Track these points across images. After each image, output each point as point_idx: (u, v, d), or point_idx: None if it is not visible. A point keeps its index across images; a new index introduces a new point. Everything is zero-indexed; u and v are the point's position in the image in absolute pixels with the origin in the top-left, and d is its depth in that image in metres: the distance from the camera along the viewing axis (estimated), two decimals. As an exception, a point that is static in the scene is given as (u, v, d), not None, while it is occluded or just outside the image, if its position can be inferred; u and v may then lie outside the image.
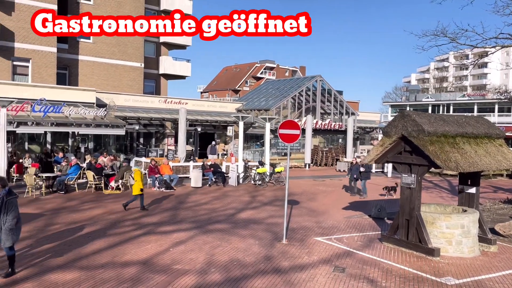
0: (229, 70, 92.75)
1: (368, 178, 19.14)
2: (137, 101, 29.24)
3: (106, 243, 10.32)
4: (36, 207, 14.26)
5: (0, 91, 21.63)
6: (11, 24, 25.12)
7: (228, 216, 13.94)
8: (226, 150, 32.69)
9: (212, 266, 8.93)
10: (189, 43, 36.07)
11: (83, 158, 22.90)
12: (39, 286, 7.55)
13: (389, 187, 18.94)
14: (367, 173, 19.14)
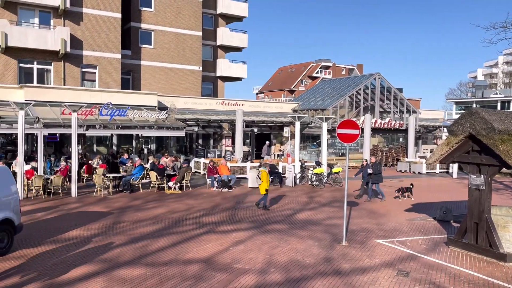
0: (284, 71, 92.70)
1: (379, 181, 17.39)
2: (196, 103, 30.04)
3: (169, 241, 10.70)
4: (104, 206, 15.09)
5: (71, 96, 23.16)
6: (80, 33, 26.78)
7: (285, 216, 13.95)
8: (282, 150, 32.71)
9: (271, 266, 8.97)
10: (245, 45, 36.52)
11: (146, 159, 23.90)
12: (109, 281, 7.99)
13: (403, 188, 17.78)
14: (378, 176, 17.34)
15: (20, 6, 24.96)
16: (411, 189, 17.86)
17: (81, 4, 26.61)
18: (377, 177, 17.38)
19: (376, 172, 17.31)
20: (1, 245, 9.38)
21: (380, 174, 17.41)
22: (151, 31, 30.56)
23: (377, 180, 17.38)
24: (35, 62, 25.64)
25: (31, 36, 24.55)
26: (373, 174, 17.35)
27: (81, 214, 13.64)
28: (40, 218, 12.96)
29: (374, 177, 17.39)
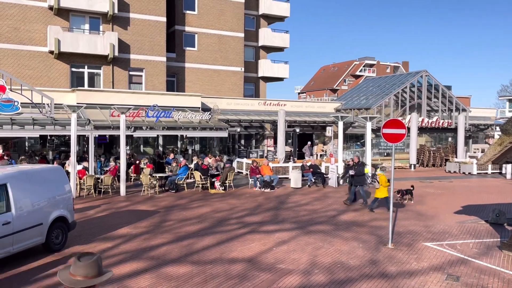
0: (327, 70, 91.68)
1: (362, 183, 16.07)
2: (238, 104, 30.32)
3: (214, 240, 10.88)
4: (151, 205, 15.56)
5: (119, 99, 24.04)
6: (127, 37, 27.74)
7: (329, 217, 13.80)
8: (325, 150, 32.38)
9: (315, 267, 8.92)
10: (286, 45, 36.45)
11: (191, 159, 24.40)
12: (157, 278, 8.23)
13: (403, 190, 16.57)
14: (361, 178, 15.92)
15: (72, 13, 26.20)
16: (411, 192, 16.64)
17: (128, 9, 27.57)
18: (360, 179, 15.92)
19: (359, 173, 15.89)
20: (56, 241, 9.89)
21: (363, 176, 16.03)
22: (195, 33, 31.16)
23: (360, 182, 15.94)
24: (85, 66, 26.83)
25: (82, 42, 25.71)
26: (356, 176, 15.94)
27: (130, 213, 14.14)
28: (91, 216, 13.56)
29: (357, 179, 15.90)
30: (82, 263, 3.01)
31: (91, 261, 3.04)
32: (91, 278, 3.00)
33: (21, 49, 24.84)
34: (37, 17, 25.19)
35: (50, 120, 19.62)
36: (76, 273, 3.00)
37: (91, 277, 3.00)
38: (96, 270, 3.04)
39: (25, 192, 9.15)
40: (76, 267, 3.01)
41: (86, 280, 2.99)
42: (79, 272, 2.99)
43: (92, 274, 3.01)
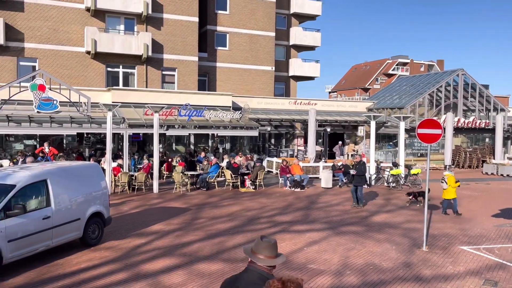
0: (358, 68, 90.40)
1: (361, 184, 15.29)
2: (269, 103, 30.32)
3: (244, 238, 10.94)
4: (183, 202, 15.79)
5: (152, 98, 24.50)
6: (160, 37, 28.22)
7: (361, 218, 13.62)
8: (356, 150, 31.93)
9: (347, 268, 8.82)
10: (318, 44, 36.15)
11: (221, 157, 24.61)
12: (189, 274, 8.36)
13: (415, 192, 15.88)
14: (361, 178, 15.16)
15: (107, 14, 26.89)
16: (424, 194, 16.10)
17: (161, 10, 28.05)
18: (360, 179, 15.19)
19: (360, 173, 15.15)
20: (92, 236, 10.19)
21: (363, 176, 15.34)
22: (226, 33, 31.36)
23: (360, 182, 15.22)
24: (120, 66, 27.49)
25: (117, 42, 26.35)
26: (356, 176, 15.24)
27: (162, 210, 14.40)
28: (125, 212, 13.90)
29: (357, 179, 15.22)
30: (264, 244, 3.53)
31: (272, 243, 3.56)
32: (271, 258, 3.51)
33: (60, 49, 25.71)
34: (75, 19, 26.01)
35: (87, 118, 20.22)
36: (258, 250, 3.53)
37: (271, 256, 3.52)
38: (275, 252, 3.55)
39: (64, 188, 9.48)
40: (259, 245, 3.54)
41: (265, 259, 3.51)
42: (261, 251, 3.52)
43: (271, 254, 3.52)
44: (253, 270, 3.51)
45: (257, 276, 3.46)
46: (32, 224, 8.53)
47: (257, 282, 3.41)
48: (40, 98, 18.85)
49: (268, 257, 3.51)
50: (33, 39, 25.09)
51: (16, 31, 24.66)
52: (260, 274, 3.47)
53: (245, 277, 3.49)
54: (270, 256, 3.52)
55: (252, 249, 3.57)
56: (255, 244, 3.58)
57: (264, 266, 3.50)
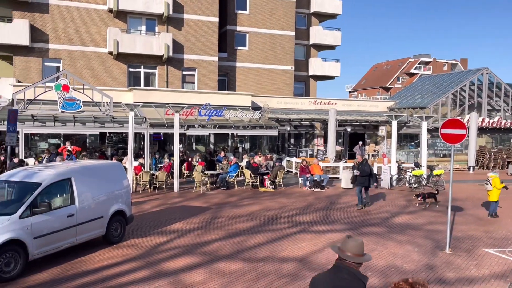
0: (379, 68, 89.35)
1: (365, 185, 14.80)
2: (288, 103, 30.25)
3: (264, 238, 10.94)
4: (203, 201, 15.90)
5: (173, 98, 24.75)
6: (181, 38, 28.47)
7: (382, 219, 13.46)
8: (377, 150, 31.58)
9: (368, 269, 8.73)
10: (338, 43, 35.86)
11: (241, 157, 24.67)
12: (210, 273, 8.41)
13: (424, 193, 15.27)
14: (364, 178, 14.68)
15: (129, 15, 27.27)
16: (435, 195, 15.47)
17: (182, 10, 28.29)
18: (364, 179, 14.75)
19: (364, 173, 14.74)
20: (115, 234, 10.36)
21: (367, 177, 14.80)
22: (246, 33, 31.41)
23: (363, 183, 14.79)
24: (142, 66, 27.85)
25: (139, 43, 26.71)
26: (359, 176, 14.77)
27: (183, 208, 14.53)
28: (147, 211, 14.07)
29: (360, 180, 14.78)
30: (352, 243, 3.79)
31: (359, 242, 3.81)
32: (358, 256, 3.76)
33: (83, 50, 26.20)
34: (98, 20, 26.46)
35: (109, 118, 20.55)
36: (345, 248, 3.78)
37: (358, 254, 3.76)
38: (362, 250, 3.79)
39: (88, 186, 9.66)
40: (347, 244, 3.80)
41: (353, 256, 3.75)
42: (349, 248, 3.77)
43: (358, 252, 3.76)
44: (343, 267, 3.74)
45: (347, 272, 3.70)
46: (57, 222, 8.72)
47: (347, 278, 3.67)
48: (64, 98, 19.26)
49: (356, 255, 3.75)
50: (57, 40, 25.64)
51: (41, 32, 25.25)
52: (350, 271, 3.71)
53: (337, 274, 3.71)
54: (357, 254, 3.76)
55: (340, 247, 3.84)
56: (342, 242, 3.85)
57: (352, 263, 3.73)
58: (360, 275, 3.74)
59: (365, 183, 14.89)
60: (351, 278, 3.67)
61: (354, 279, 3.67)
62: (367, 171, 14.82)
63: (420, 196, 15.41)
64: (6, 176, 9.46)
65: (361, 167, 14.91)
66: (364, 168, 14.77)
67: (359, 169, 14.89)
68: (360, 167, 14.90)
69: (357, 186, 15.04)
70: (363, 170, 14.76)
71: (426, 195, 15.41)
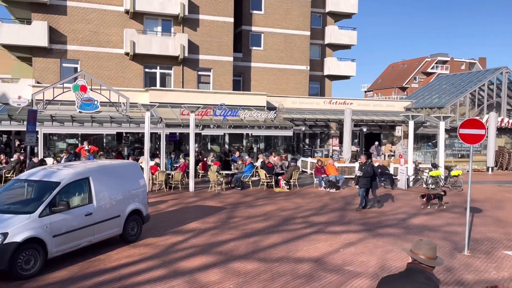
0: (396, 67, 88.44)
1: (367, 186, 14.44)
2: (303, 103, 30.16)
3: (280, 238, 10.93)
4: (218, 201, 15.95)
5: (188, 98, 24.90)
6: (196, 38, 28.62)
7: (399, 220, 13.31)
8: (393, 151, 31.26)
9: (385, 271, 8.65)
10: (353, 43, 35.61)
11: (256, 157, 24.68)
12: (225, 272, 8.43)
13: (430, 194, 14.92)
14: (366, 180, 14.32)
15: (145, 16, 27.53)
16: (441, 196, 15.19)
17: (197, 11, 28.44)
18: (366, 181, 14.36)
19: (367, 174, 14.35)
20: (131, 233, 10.46)
21: (369, 178, 14.44)
22: (261, 33, 31.42)
23: (366, 184, 14.40)
24: (158, 67, 28.08)
25: (154, 43, 26.94)
26: (362, 177, 14.40)
27: (198, 208, 14.60)
28: (163, 210, 14.18)
29: (362, 181, 14.40)
30: (426, 245, 3.82)
31: (433, 246, 3.83)
32: (431, 259, 3.78)
33: (100, 51, 26.55)
34: (114, 21, 26.78)
35: (126, 118, 20.77)
36: (419, 251, 3.81)
37: (431, 258, 3.78)
38: (435, 254, 3.82)
39: (105, 185, 9.78)
40: (420, 246, 3.83)
41: (426, 259, 3.77)
42: (423, 251, 3.79)
43: (432, 255, 3.78)
44: (418, 270, 3.75)
45: (423, 275, 3.70)
46: (76, 220, 8.85)
47: (424, 282, 3.66)
48: (81, 98, 19.54)
49: (430, 258, 3.78)
50: (75, 41, 26.03)
51: (59, 33, 25.66)
52: (426, 274, 3.72)
53: (412, 277, 3.71)
54: (431, 257, 3.78)
55: (412, 250, 3.86)
56: (415, 245, 3.88)
57: (428, 266, 3.76)
58: (435, 278, 3.74)
59: (368, 184, 14.52)
60: (427, 282, 3.67)
61: (430, 283, 3.66)
62: (370, 172, 14.48)
63: (426, 196, 15.16)
64: (26, 175, 9.65)
65: (364, 167, 14.54)
66: (367, 169, 14.40)
67: (362, 170, 14.54)
68: (363, 168, 14.52)
69: (360, 187, 14.72)
70: (365, 171, 14.38)
71: (432, 196, 15.17)
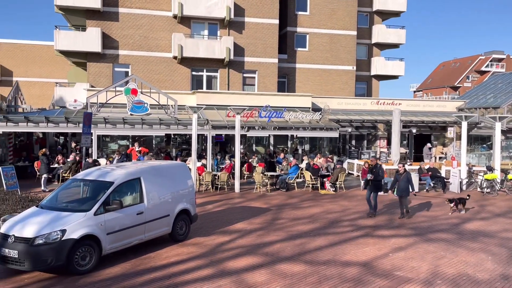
0: (447, 66, 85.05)
1: (379, 190, 13.83)
2: (349, 103, 29.67)
3: (326, 241, 10.80)
4: (264, 202, 16.01)
5: (234, 100, 25.19)
6: (242, 41, 28.91)
7: (451, 225, 12.78)
8: (444, 153, 30.06)
9: (437, 277, 8.33)
10: (402, 42, 34.61)
11: (301, 159, 24.55)
12: (272, 274, 8.44)
13: (456, 199, 14.20)
14: (378, 183, 13.64)
15: (193, 20, 28.13)
16: (465, 201, 14.55)
17: (243, 14, 28.71)
18: (378, 184, 13.67)
19: (378, 178, 13.62)
20: (180, 232, 10.71)
21: (379, 182, 13.79)
22: (306, 34, 31.23)
23: (378, 188, 13.72)
24: (204, 70, 28.62)
25: (201, 47, 27.48)
26: (373, 181, 13.61)
27: (244, 209, 14.73)
28: (210, 210, 14.42)
29: (374, 185, 13.66)
30: None
31: None
32: None
33: (150, 55, 27.43)
34: (163, 26, 27.58)
35: (174, 120, 21.32)
36: None
37: None
38: None
39: (155, 185, 10.08)
40: None
41: None
42: None
43: None
44: None
45: None
46: (128, 219, 9.18)
47: None
48: (132, 101, 20.26)
49: None
50: (126, 46, 27.05)
51: (112, 39, 26.76)
52: None
53: None
54: None
55: None
56: None
57: None
58: None
59: (380, 188, 13.92)
60: None
61: None
62: (382, 176, 13.93)
63: (454, 201, 14.48)
64: (82, 175, 10.13)
65: (374, 171, 13.74)
66: (378, 172, 13.73)
67: (373, 173, 13.70)
68: (374, 171, 13.73)
69: (369, 191, 13.83)
70: (377, 175, 13.69)
71: (457, 200, 14.53)
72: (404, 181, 13.37)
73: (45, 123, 19.73)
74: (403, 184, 13.36)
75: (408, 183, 13.36)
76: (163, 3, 27.47)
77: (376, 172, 13.71)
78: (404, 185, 13.35)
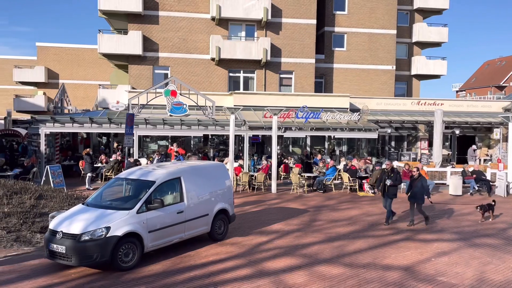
0: (492, 64, 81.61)
1: (395, 196, 12.91)
2: (389, 104, 29.05)
3: (366, 244, 10.62)
4: (301, 203, 15.93)
5: (270, 101, 25.23)
6: (278, 41, 28.90)
7: (498, 230, 12.26)
8: (490, 155, 28.86)
9: (483, 284, 8.02)
10: (444, 40, 33.52)
11: (338, 160, 24.26)
12: (310, 275, 8.39)
13: (485, 205, 13.31)
14: (394, 189, 12.79)
15: (230, 22, 28.41)
16: (493, 207, 13.67)
17: (280, 14, 28.70)
18: (395, 190, 12.86)
19: (396, 183, 12.83)
20: (218, 231, 10.84)
21: (396, 188, 12.97)
22: (344, 34, 30.84)
23: (395, 194, 12.87)
24: (241, 71, 28.81)
25: (238, 48, 27.69)
26: (391, 187, 12.71)
27: (281, 210, 14.71)
28: (247, 211, 14.50)
29: (392, 190, 12.74)
30: None
31: None
32: None
33: (188, 57, 27.92)
34: (201, 28, 28.00)
35: (212, 121, 21.59)
36: None
37: None
38: None
39: (195, 185, 10.25)
40: None
41: None
42: None
43: None
44: None
45: None
46: (169, 217, 9.39)
47: None
48: (172, 102, 20.68)
49: None
50: (165, 49, 27.65)
51: (152, 42, 27.43)
52: None
53: None
54: None
55: None
56: None
57: None
58: None
59: (396, 194, 13.03)
60: None
61: None
62: (400, 181, 13.18)
63: (482, 208, 13.57)
64: (125, 174, 10.44)
65: (392, 176, 12.82)
66: (396, 177, 12.87)
67: (391, 178, 12.74)
68: (392, 176, 12.80)
69: (388, 198, 12.88)
70: (395, 179, 12.79)
71: (487, 206, 13.63)
72: (419, 187, 12.46)
73: (89, 123, 20.48)
74: (418, 191, 12.47)
75: (423, 189, 12.45)
76: (202, 5, 27.89)
77: (394, 177, 12.82)
78: (418, 191, 12.44)
